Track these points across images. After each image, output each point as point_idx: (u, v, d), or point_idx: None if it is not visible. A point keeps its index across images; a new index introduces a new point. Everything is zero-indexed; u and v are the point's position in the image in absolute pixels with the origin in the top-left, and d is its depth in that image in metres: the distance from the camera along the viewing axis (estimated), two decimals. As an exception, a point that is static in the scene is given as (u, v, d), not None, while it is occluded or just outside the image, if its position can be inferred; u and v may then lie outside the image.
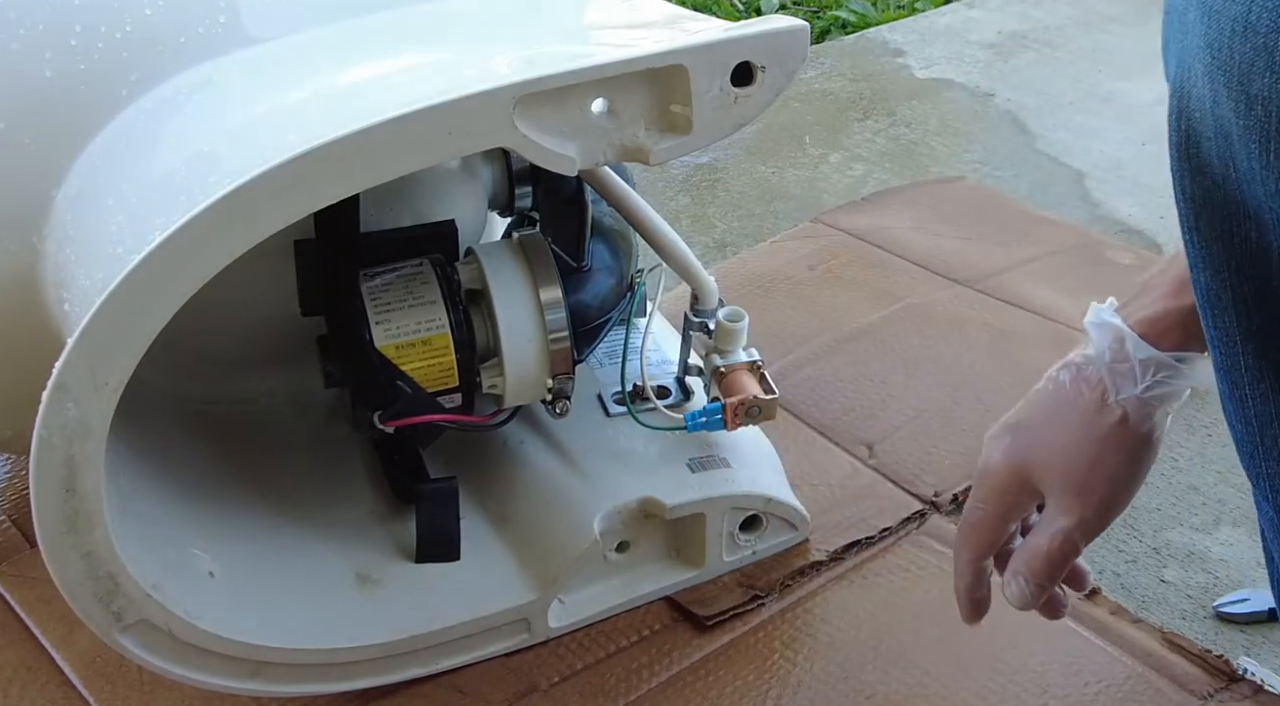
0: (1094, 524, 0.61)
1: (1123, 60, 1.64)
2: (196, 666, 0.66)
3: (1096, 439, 0.60)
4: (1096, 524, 0.61)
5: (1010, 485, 0.63)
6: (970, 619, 0.68)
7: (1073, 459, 0.61)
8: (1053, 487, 0.61)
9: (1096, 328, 0.61)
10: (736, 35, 0.61)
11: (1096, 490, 0.60)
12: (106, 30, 0.67)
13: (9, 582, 0.81)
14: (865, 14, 1.92)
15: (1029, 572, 0.62)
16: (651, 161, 0.62)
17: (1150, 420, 0.60)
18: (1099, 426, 0.60)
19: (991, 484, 0.64)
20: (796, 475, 0.86)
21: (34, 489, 0.56)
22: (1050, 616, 0.66)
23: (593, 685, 0.74)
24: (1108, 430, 0.60)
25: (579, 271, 0.77)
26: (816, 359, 1.02)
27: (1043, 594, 0.63)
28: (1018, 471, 0.62)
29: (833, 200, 1.30)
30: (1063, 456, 0.61)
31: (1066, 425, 0.61)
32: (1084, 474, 0.60)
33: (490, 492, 0.79)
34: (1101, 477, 0.60)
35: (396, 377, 0.70)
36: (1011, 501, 0.63)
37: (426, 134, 0.56)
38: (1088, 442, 0.60)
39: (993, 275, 1.13)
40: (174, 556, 0.66)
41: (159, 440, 0.76)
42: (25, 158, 0.66)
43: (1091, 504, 0.60)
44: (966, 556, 0.65)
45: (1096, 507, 0.60)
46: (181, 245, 0.53)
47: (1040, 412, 0.63)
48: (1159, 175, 1.33)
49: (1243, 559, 0.83)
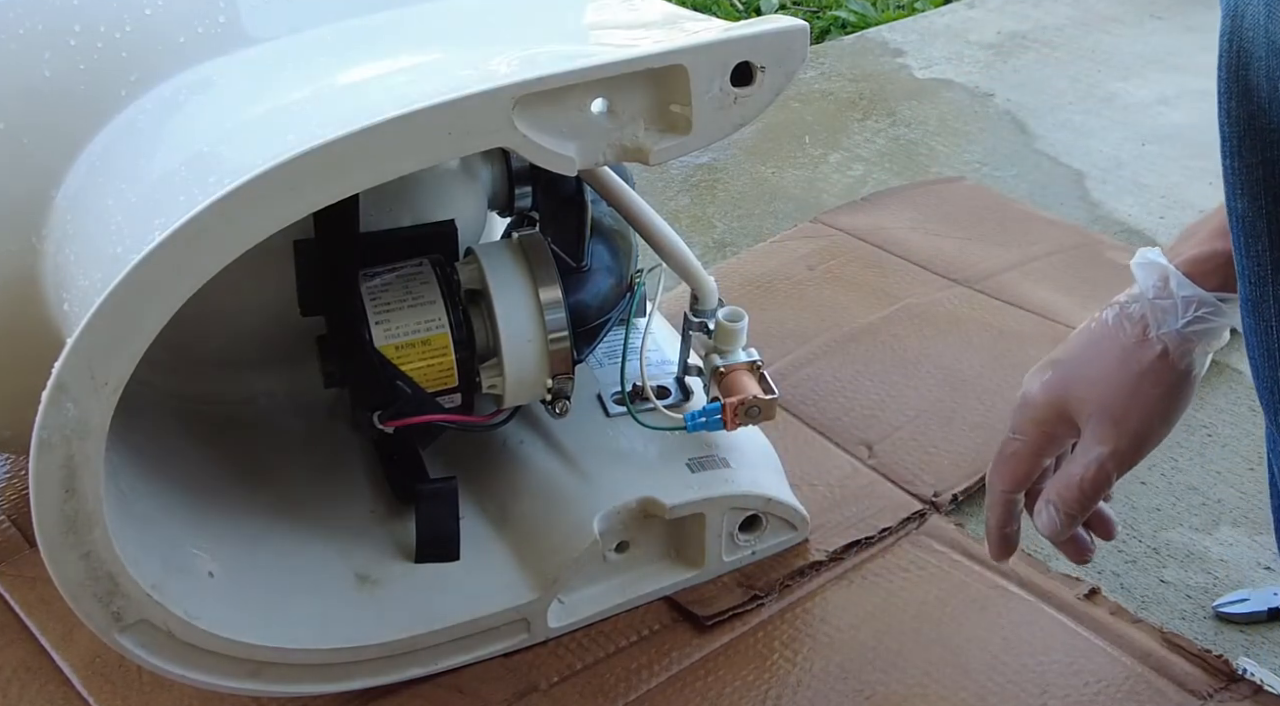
0: (1127, 453, 0.62)
1: (1123, 60, 1.64)
2: (196, 666, 0.66)
3: (1135, 371, 0.61)
4: (1130, 454, 0.62)
5: (1047, 416, 0.64)
6: (998, 555, 0.69)
7: (1110, 389, 0.62)
8: (1089, 417, 0.62)
9: (1142, 267, 0.63)
10: (736, 35, 0.61)
11: (1132, 420, 0.61)
12: (106, 30, 0.67)
13: (9, 582, 0.81)
14: (865, 14, 1.92)
15: (1060, 500, 0.63)
16: (651, 161, 0.62)
17: (1189, 356, 0.61)
18: (1138, 359, 0.61)
19: (1029, 415, 0.65)
20: (796, 475, 0.86)
21: (33, 489, 0.56)
22: (1076, 559, 0.68)
23: (592, 685, 0.74)
24: (1147, 363, 0.61)
25: (579, 271, 0.77)
26: (816, 359, 1.02)
27: (1072, 524, 0.64)
28: (1056, 403, 0.64)
29: (832, 200, 1.30)
30: (1101, 387, 0.62)
31: (1106, 358, 0.62)
32: (1121, 404, 0.62)
33: (490, 493, 0.79)
34: (1138, 408, 0.61)
35: (396, 378, 0.70)
36: (1048, 432, 0.65)
37: (426, 134, 0.56)
38: (1126, 375, 0.62)
39: (992, 275, 1.13)
40: (173, 556, 0.66)
41: (159, 440, 0.76)
42: (25, 158, 0.66)
43: (1126, 433, 0.62)
44: (1000, 487, 0.67)
45: (1131, 437, 0.62)
46: (181, 245, 0.53)
47: (1081, 348, 0.64)
48: (1159, 175, 1.34)
49: (1242, 559, 0.83)
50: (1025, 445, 0.65)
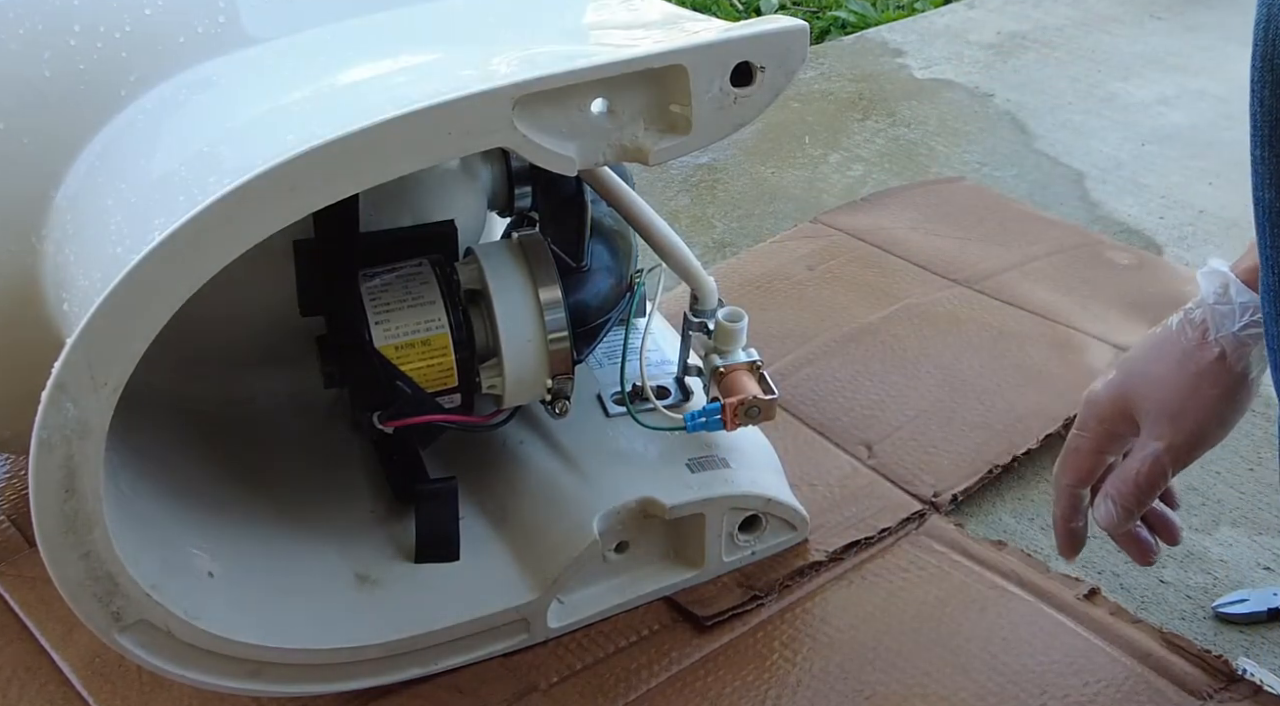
0: (1183, 450, 0.65)
1: (1122, 60, 1.64)
2: (196, 666, 0.66)
3: (1193, 372, 0.64)
4: (1185, 451, 0.65)
5: (1109, 413, 0.67)
6: (1065, 550, 0.73)
7: (1169, 388, 0.65)
8: (1148, 415, 0.66)
9: (1205, 275, 0.65)
10: (736, 35, 0.61)
11: (1189, 418, 0.65)
12: (106, 30, 0.66)
13: (8, 582, 0.81)
14: (865, 14, 1.92)
15: (1117, 494, 0.67)
16: (651, 161, 0.62)
17: (1245, 359, 0.64)
18: (1197, 361, 0.64)
19: (1092, 412, 0.68)
20: (796, 475, 0.86)
21: (33, 489, 0.56)
22: (1139, 559, 0.71)
23: (592, 685, 0.74)
24: (1205, 365, 0.64)
25: (578, 271, 0.77)
26: (816, 359, 1.02)
27: (1128, 517, 0.68)
28: (1118, 401, 0.67)
29: (832, 200, 1.30)
30: (1160, 387, 0.65)
31: (1167, 360, 0.65)
32: (1178, 402, 0.65)
33: (490, 493, 0.79)
34: (1194, 407, 0.64)
35: (396, 378, 0.70)
36: (1110, 430, 0.68)
37: (426, 134, 0.56)
38: (1185, 375, 0.65)
39: (992, 275, 1.13)
40: (173, 556, 0.66)
41: (158, 440, 0.76)
42: (25, 158, 0.66)
43: (1183, 430, 0.65)
44: (1065, 482, 0.70)
45: (1187, 435, 0.65)
46: (181, 245, 0.53)
47: (1145, 351, 0.67)
48: (1159, 175, 1.34)
49: (1242, 559, 0.83)
50: (1088, 441, 0.69)
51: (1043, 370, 1.00)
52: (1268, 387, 0.97)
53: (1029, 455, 0.91)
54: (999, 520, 0.87)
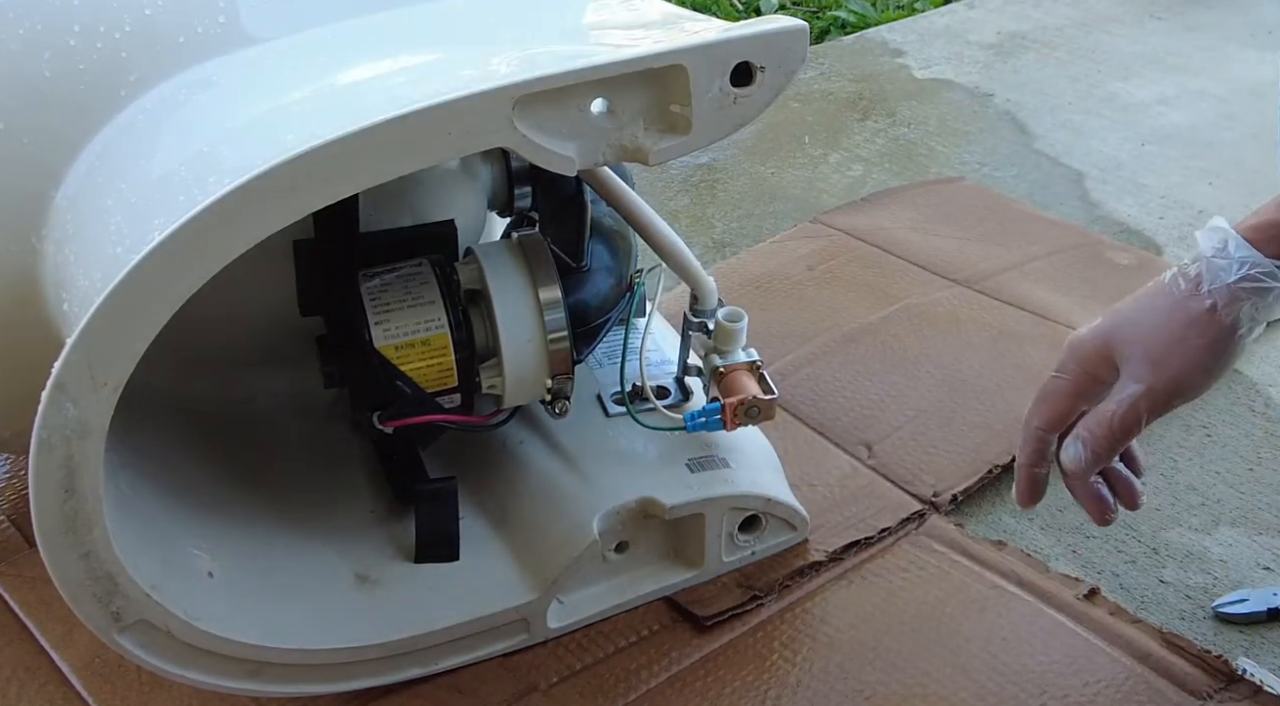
0: (1161, 396, 0.64)
1: (1122, 60, 1.64)
2: (195, 666, 0.66)
3: (1182, 321, 0.64)
4: (1164, 397, 0.64)
5: (1091, 355, 0.66)
6: (1023, 498, 0.71)
7: (1155, 333, 0.64)
8: (1130, 358, 0.65)
9: (1206, 233, 0.65)
10: (735, 35, 0.61)
11: (1171, 363, 0.64)
12: (105, 30, 0.66)
13: (8, 582, 0.81)
14: (865, 14, 1.92)
15: (1089, 435, 0.66)
16: (651, 162, 0.62)
17: (1237, 313, 0.63)
18: (1187, 309, 0.64)
19: (1073, 354, 0.67)
20: (796, 475, 0.86)
21: (33, 489, 0.56)
22: (1096, 516, 0.69)
23: (592, 685, 0.74)
24: (1195, 314, 0.64)
25: (578, 271, 0.77)
26: (816, 359, 1.02)
27: (1096, 463, 0.66)
28: (1101, 344, 0.66)
29: (832, 200, 1.30)
30: (1146, 331, 0.65)
31: (1156, 308, 0.65)
32: (1162, 347, 0.64)
33: (490, 493, 0.79)
34: (1178, 353, 0.64)
35: (396, 378, 0.70)
36: (1090, 372, 0.67)
37: (426, 134, 0.56)
38: (1173, 323, 0.64)
39: (992, 275, 1.13)
40: (173, 556, 0.66)
41: (158, 440, 0.76)
42: (25, 158, 0.66)
43: (1163, 375, 0.64)
44: (1035, 423, 0.69)
45: (1167, 380, 0.64)
46: (181, 245, 0.53)
47: (1135, 300, 0.67)
48: (1158, 175, 1.34)
49: (1242, 559, 0.83)
50: (1065, 383, 0.68)
51: (1043, 370, 0.98)
52: (1269, 388, 0.98)
53: (1029, 455, 0.91)
54: (999, 520, 0.87)
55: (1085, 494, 0.68)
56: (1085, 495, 0.68)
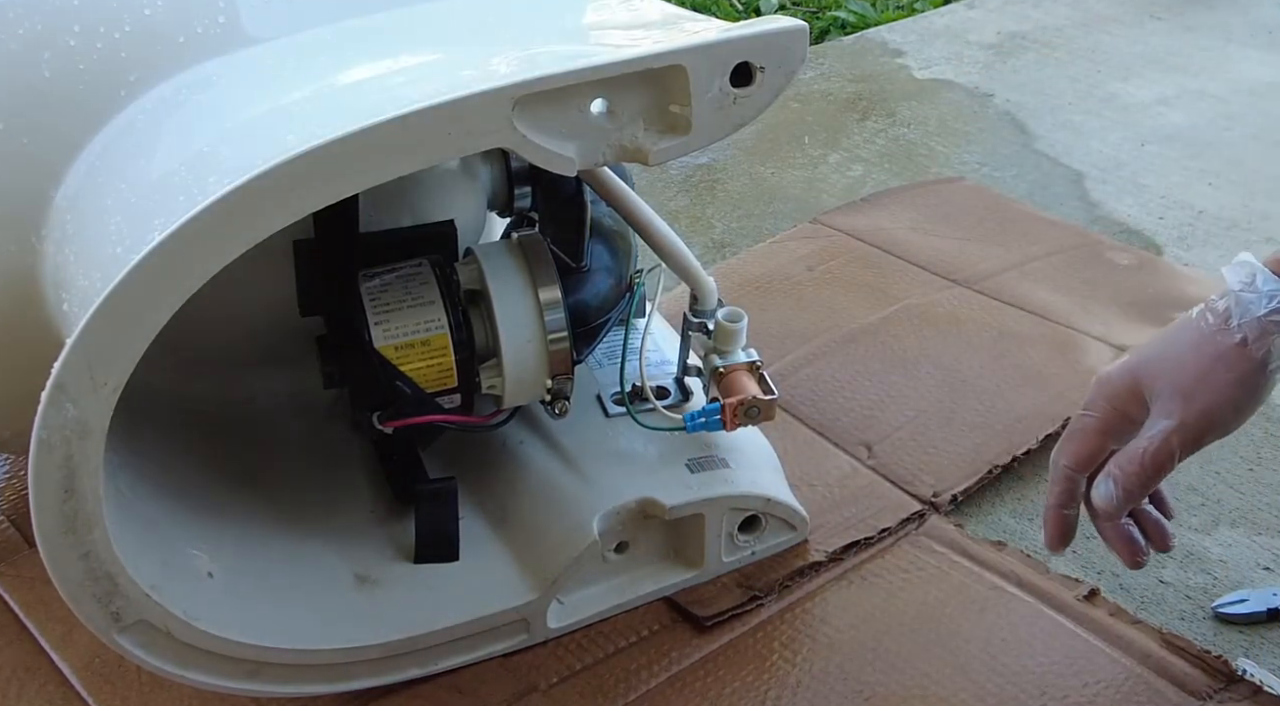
0: (1193, 431, 0.63)
1: (1122, 60, 1.64)
2: (195, 666, 0.66)
3: (1211, 354, 0.63)
4: (1195, 432, 0.63)
5: (1120, 392, 0.66)
6: (1054, 542, 0.69)
7: (1184, 368, 0.64)
8: (1160, 393, 0.64)
9: (1233, 268, 0.64)
10: (735, 35, 0.61)
11: (1202, 397, 0.63)
12: (105, 30, 0.67)
13: (8, 583, 0.81)
14: (864, 14, 1.92)
15: (1120, 472, 0.64)
16: (650, 162, 0.62)
17: (1267, 347, 0.62)
18: (1216, 344, 0.63)
19: (1102, 391, 0.66)
20: (795, 475, 0.86)
21: (33, 489, 0.56)
22: (1128, 559, 0.68)
23: (592, 685, 0.74)
24: (1223, 349, 0.63)
25: (578, 272, 0.77)
26: (815, 359, 1.02)
27: (1128, 501, 0.65)
28: (1130, 381, 0.65)
29: (832, 201, 1.30)
30: (1175, 366, 0.64)
31: (1184, 343, 0.64)
32: (1192, 382, 0.63)
33: (489, 493, 0.79)
34: (1208, 387, 0.63)
35: (396, 378, 0.70)
36: (1119, 409, 0.66)
37: (426, 134, 0.56)
38: (1202, 357, 0.63)
39: (992, 275, 1.13)
40: (173, 557, 0.66)
41: (158, 440, 0.76)
42: (25, 158, 0.66)
43: (1194, 410, 0.63)
44: (1063, 462, 0.67)
45: (1198, 414, 0.63)
46: (180, 245, 0.53)
47: (1162, 336, 0.66)
48: (1158, 175, 1.34)
49: (1242, 559, 0.83)
50: (1094, 421, 0.66)
51: (1042, 370, 1.00)
52: (1268, 388, 0.98)
53: (1029, 455, 0.91)
54: (999, 520, 0.87)
55: (1116, 535, 0.67)
56: (1116, 537, 0.68)
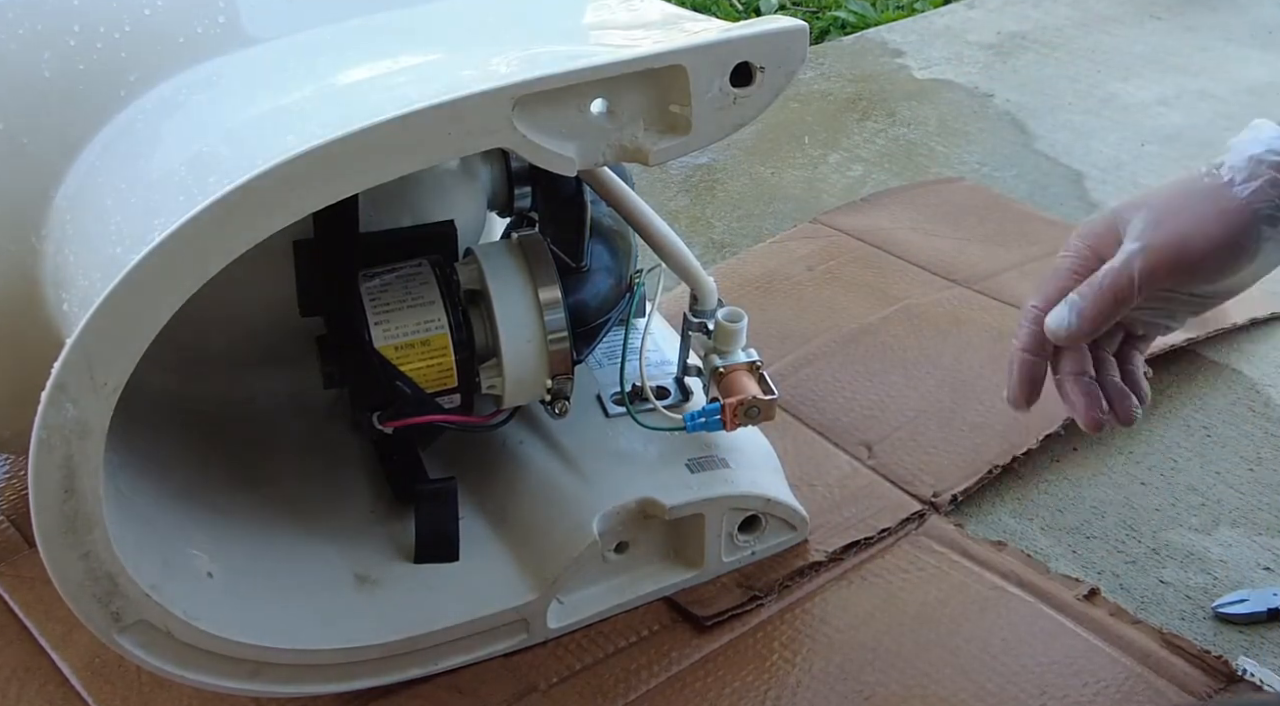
0: (1155, 255, 0.60)
1: (1122, 60, 1.64)
2: (195, 666, 0.66)
3: (1195, 192, 0.61)
4: (1158, 257, 0.60)
5: (1099, 228, 0.63)
6: (1014, 395, 0.67)
7: (1164, 199, 0.61)
8: (1135, 222, 0.61)
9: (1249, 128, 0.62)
10: (735, 35, 0.61)
11: (1170, 223, 0.60)
12: (105, 30, 0.67)
13: (8, 583, 0.81)
14: (864, 14, 1.92)
15: (1077, 296, 0.62)
16: (650, 162, 0.62)
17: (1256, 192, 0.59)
18: (1200, 183, 0.61)
19: (1083, 230, 0.64)
20: (795, 475, 0.86)
21: (33, 489, 0.56)
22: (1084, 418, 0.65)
23: (592, 685, 0.74)
24: (1209, 187, 0.60)
25: (578, 272, 0.77)
26: (815, 359, 1.02)
27: (1084, 326, 0.62)
28: (1109, 220, 0.63)
29: (832, 200, 1.30)
30: (1156, 197, 0.62)
31: (1170, 184, 0.62)
32: (1167, 210, 0.61)
33: (489, 493, 0.79)
34: (1183, 215, 0.60)
35: (396, 378, 0.70)
36: (1094, 246, 0.63)
37: (426, 134, 0.56)
38: (1186, 193, 0.61)
39: (992, 275, 1.13)
40: (173, 557, 0.66)
41: (158, 440, 0.76)
42: (24, 157, 0.66)
43: (1160, 233, 0.60)
44: (1032, 303, 0.65)
45: (1164, 238, 0.60)
46: (180, 245, 0.53)
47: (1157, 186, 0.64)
48: (1158, 175, 1.34)
49: (1242, 559, 0.83)
50: (1068, 260, 0.64)
51: (1042, 370, 0.99)
52: (1269, 388, 0.98)
53: (1029, 455, 0.91)
54: (999, 520, 0.87)
55: (1075, 388, 0.64)
56: (1074, 390, 0.64)
